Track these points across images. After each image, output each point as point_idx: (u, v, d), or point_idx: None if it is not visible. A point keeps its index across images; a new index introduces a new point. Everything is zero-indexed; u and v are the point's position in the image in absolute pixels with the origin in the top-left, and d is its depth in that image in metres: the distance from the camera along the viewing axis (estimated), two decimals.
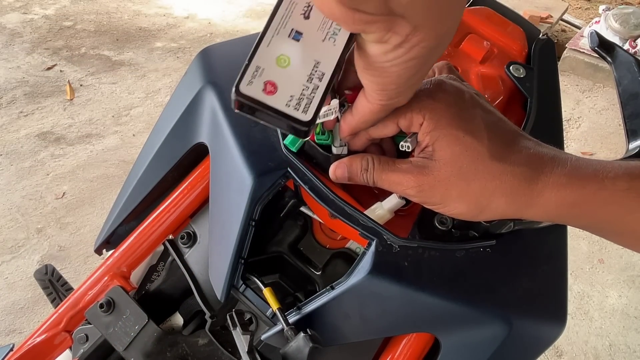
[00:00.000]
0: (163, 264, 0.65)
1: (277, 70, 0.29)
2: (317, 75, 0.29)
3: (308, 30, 0.30)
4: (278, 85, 0.29)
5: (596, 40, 0.62)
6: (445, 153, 0.34)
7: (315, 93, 0.29)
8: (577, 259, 1.76)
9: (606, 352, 1.52)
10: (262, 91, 0.29)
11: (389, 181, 0.37)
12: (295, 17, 0.30)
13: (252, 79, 0.29)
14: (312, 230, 0.52)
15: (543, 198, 0.34)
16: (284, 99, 0.29)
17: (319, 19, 0.30)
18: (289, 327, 0.39)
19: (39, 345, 0.55)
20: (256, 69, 0.29)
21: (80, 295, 0.56)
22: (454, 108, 0.34)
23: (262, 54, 0.29)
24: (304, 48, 0.30)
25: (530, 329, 0.42)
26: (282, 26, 0.30)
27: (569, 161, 0.34)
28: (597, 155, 2.25)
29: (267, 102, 0.29)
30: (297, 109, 0.29)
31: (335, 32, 0.30)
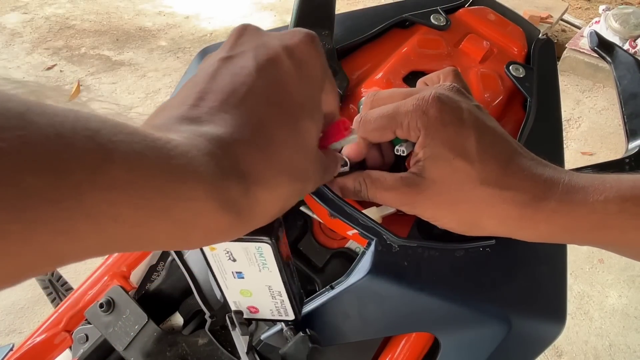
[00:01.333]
0: (163, 263, 0.66)
1: (247, 299, 0.35)
2: (276, 293, 0.34)
3: (244, 269, 0.32)
4: (257, 307, 0.36)
5: (596, 40, 0.62)
6: (435, 173, 0.34)
7: (284, 303, 0.35)
8: (577, 259, 1.76)
9: (606, 352, 1.52)
10: (250, 312, 0.36)
11: (381, 199, 0.37)
12: (227, 264, 0.32)
13: (237, 307, 0.37)
14: (311, 230, 0.52)
15: (533, 222, 0.34)
16: (267, 313, 0.36)
17: (243, 257, 0.31)
18: (288, 327, 0.40)
19: (39, 345, 0.55)
20: (234, 303, 0.36)
21: (80, 295, 0.56)
22: (449, 126, 0.34)
23: (228, 294, 0.35)
24: (252, 281, 0.33)
25: (530, 328, 0.42)
26: (224, 273, 0.33)
27: (561, 184, 0.34)
28: (597, 156, 2.25)
29: (259, 317, 0.37)
30: (280, 315, 0.36)
31: (264, 262, 0.31)
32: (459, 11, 0.62)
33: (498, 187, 0.34)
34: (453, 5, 0.63)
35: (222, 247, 0.31)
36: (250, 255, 0.31)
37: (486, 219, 0.35)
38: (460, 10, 0.63)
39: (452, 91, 0.36)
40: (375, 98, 0.39)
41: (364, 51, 0.56)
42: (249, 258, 0.31)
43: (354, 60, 0.55)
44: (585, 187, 0.34)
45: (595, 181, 0.34)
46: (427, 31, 0.58)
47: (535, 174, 0.35)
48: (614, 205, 0.32)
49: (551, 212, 0.33)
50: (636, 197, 0.32)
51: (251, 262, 0.31)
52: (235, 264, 0.32)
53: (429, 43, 0.56)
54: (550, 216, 0.33)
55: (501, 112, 0.55)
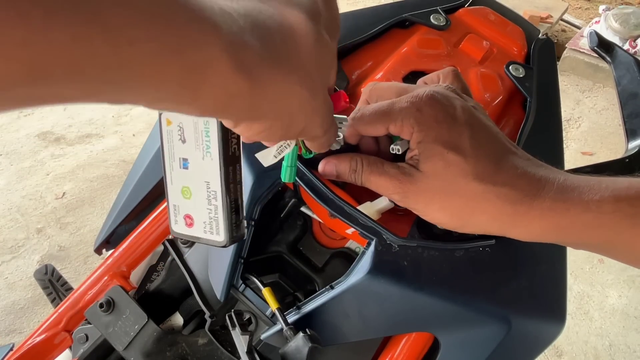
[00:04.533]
0: (163, 263, 0.66)
1: (186, 202, 0.32)
2: (212, 195, 0.31)
3: (190, 154, 0.31)
4: (193, 216, 0.32)
5: (595, 40, 0.62)
6: (429, 167, 0.35)
7: (218, 213, 0.31)
8: (577, 259, 1.76)
9: (606, 352, 1.52)
10: (185, 226, 0.32)
11: (375, 184, 0.37)
12: (177, 145, 0.31)
13: (175, 217, 0.33)
14: (311, 230, 0.52)
15: (527, 220, 0.34)
16: (200, 227, 0.32)
17: (192, 137, 0.30)
18: (288, 326, 0.40)
19: (39, 345, 0.55)
20: (174, 207, 0.33)
21: (80, 295, 0.56)
22: (442, 124, 0.34)
23: (172, 192, 0.33)
24: (194, 173, 0.31)
25: (530, 328, 0.42)
26: (172, 160, 0.31)
27: (556, 183, 0.34)
28: (597, 155, 2.25)
29: (191, 234, 0.32)
30: (212, 233, 0.32)
31: (207, 145, 0.30)
32: (458, 11, 0.62)
33: (491, 182, 0.34)
34: (453, 5, 0.63)
35: (177, 122, 0.30)
36: (198, 134, 0.30)
37: (478, 214, 0.35)
38: (460, 10, 0.63)
39: (447, 90, 0.37)
40: (374, 88, 0.39)
41: (364, 51, 0.56)
42: (197, 138, 0.30)
43: (354, 60, 0.55)
44: (580, 186, 0.33)
45: (590, 181, 0.34)
46: (427, 31, 0.58)
47: (530, 172, 0.35)
48: (609, 204, 0.32)
49: (545, 210, 0.33)
50: (631, 198, 0.32)
51: (197, 145, 0.30)
52: (184, 147, 0.31)
53: (428, 43, 0.56)
54: (544, 214, 0.33)
55: (501, 112, 0.55)
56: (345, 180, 0.39)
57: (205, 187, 0.31)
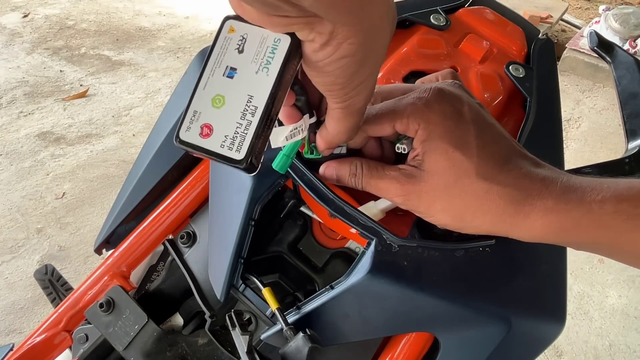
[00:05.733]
0: (163, 263, 0.66)
1: (213, 111, 0.30)
2: (250, 110, 0.30)
3: (242, 65, 0.30)
4: (213, 127, 0.30)
5: (595, 40, 0.62)
6: (433, 166, 0.34)
7: (248, 130, 0.30)
8: (577, 259, 1.76)
9: (606, 352, 1.52)
10: (199, 135, 0.30)
11: (376, 187, 0.37)
12: (230, 54, 0.30)
13: (190, 124, 0.30)
14: (311, 230, 0.52)
15: (529, 221, 0.34)
16: (219, 140, 0.30)
17: (253, 50, 0.30)
18: (288, 326, 0.40)
19: (39, 345, 0.55)
20: (194, 113, 0.30)
21: (80, 295, 0.56)
22: (449, 121, 0.34)
23: (199, 97, 0.31)
24: (238, 84, 0.30)
25: (530, 328, 0.42)
26: (217, 65, 0.30)
27: (559, 183, 0.34)
28: (597, 155, 2.25)
29: (203, 146, 0.30)
30: (230, 149, 0.30)
31: (269, 61, 0.29)
32: (458, 11, 0.62)
33: (495, 182, 0.34)
34: (453, 5, 0.63)
35: (241, 31, 0.30)
36: (262, 49, 0.29)
37: (481, 215, 0.35)
38: (460, 10, 0.63)
39: (454, 87, 0.36)
40: (378, 91, 0.39)
41: None
42: (257, 52, 0.29)
43: None
44: (583, 187, 0.33)
45: (592, 182, 0.34)
46: (426, 31, 0.58)
47: (533, 172, 0.34)
48: (611, 205, 0.32)
49: (547, 210, 0.33)
50: (633, 199, 0.32)
51: (256, 59, 0.30)
52: (238, 57, 0.30)
53: (428, 43, 0.56)
54: (546, 215, 0.33)
55: (501, 112, 0.55)
56: (346, 185, 0.39)
57: (246, 101, 0.30)
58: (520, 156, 0.36)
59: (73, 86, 2.41)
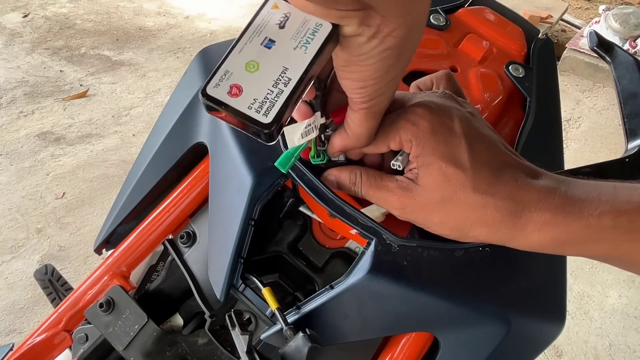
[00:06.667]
0: (163, 263, 0.66)
1: (245, 74, 0.30)
2: (283, 80, 0.30)
3: (281, 39, 0.31)
4: (243, 88, 0.30)
5: (595, 40, 0.62)
6: (428, 180, 0.35)
7: (279, 97, 0.30)
8: (577, 259, 1.76)
9: (606, 352, 1.52)
10: (227, 93, 0.30)
11: (375, 197, 0.37)
12: (271, 27, 0.31)
13: (219, 82, 0.31)
14: (311, 230, 0.52)
15: (526, 232, 0.34)
16: (247, 101, 0.30)
17: (294, 28, 0.30)
18: (288, 326, 0.40)
19: (39, 345, 0.55)
20: (225, 72, 0.31)
21: (80, 295, 0.56)
22: (439, 135, 0.34)
23: (233, 59, 0.31)
24: (275, 55, 0.30)
25: (530, 328, 0.42)
26: (256, 34, 0.31)
27: (556, 195, 0.34)
28: (597, 155, 2.25)
29: (230, 104, 0.30)
30: (258, 112, 0.30)
31: (308, 40, 0.30)
32: (458, 11, 0.62)
33: (490, 194, 0.34)
34: (453, 5, 0.63)
35: (285, 10, 0.31)
36: (303, 29, 0.30)
37: (478, 227, 0.35)
38: (460, 10, 0.63)
39: (443, 98, 0.36)
40: None
41: None
42: (298, 32, 0.30)
43: None
44: (581, 200, 0.33)
45: (591, 194, 0.33)
46: (426, 31, 0.58)
47: (530, 184, 0.34)
48: (609, 220, 0.32)
49: (544, 224, 0.33)
50: (630, 213, 0.32)
51: (296, 37, 0.30)
52: (278, 31, 0.31)
53: (428, 43, 0.56)
54: (543, 227, 0.33)
55: (501, 112, 0.55)
56: (346, 192, 0.39)
57: (280, 71, 0.30)
58: (516, 166, 0.35)
59: (73, 86, 2.41)
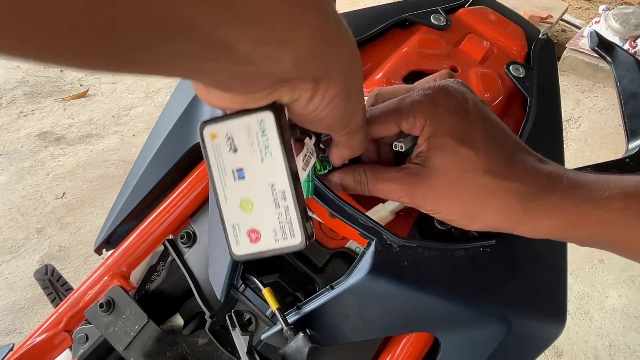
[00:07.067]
0: (163, 263, 0.66)
1: (249, 216, 0.30)
2: (280, 197, 0.29)
3: (245, 162, 0.29)
4: (258, 229, 0.30)
5: (596, 40, 0.62)
6: (439, 162, 0.34)
7: (290, 213, 0.29)
8: (577, 259, 1.76)
9: (606, 352, 1.52)
10: (250, 243, 0.30)
11: (383, 191, 0.37)
12: (228, 158, 0.29)
13: (236, 238, 0.30)
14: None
15: (535, 216, 0.34)
16: (271, 237, 0.30)
17: (245, 142, 0.29)
18: (288, 327, 0.40)
19: (39, 345, 0.55)
20: (233, 227, 0.30)
21: (80, 295, 0.56)
22: (455, 117, 0.34)
23: (228, 212, 0.30)
24: (254, 180, 0.29)
25: (530, 328, 0.42)
26: (223, 174, 0.30)
27: (565, 179, 0.34)
28: (597, 155, 2.25)
29: (260, 250, 0.30)
30: (285, 238, 0.29)
31: (265, 143, 0.28)
32: (459, 11, 0.62)
33: (501, 177, 0.33)
34: (453, 5, 0.63)
35: (224, 132, 0.29)
36: (253, 138, 0.28)
37: (488, 211, 0.34)
38: (460, 10, 0.63)
39: (457, 84, 0.37)
40: (380, 93, 0.39)
41: (364, 51, 0.56)
42: (251, 142, 0.28)
43: None
44: (589, 183, 0.33)
45: (598, 179, 0.34)
46: (427, 31, 0.58)
47: (539, 168, 0.34)
48: (618, 202, 0.32)
49: (554, 206, 0.33)
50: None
51: (253, 149, 0.29)
52: (236, 157, 0.29)
53: (429, 43, 0.56)
54: (552, 210, 0.33)
55: (501, 112, 0.55)
56: (353, 192, 0.39)
57: (270, 190, 0.29)
58: (525, 152, 0.36)
59: (73, 86, 2.41)
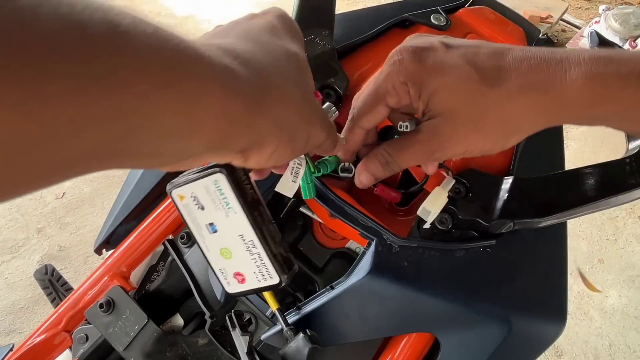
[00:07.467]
0: (163, 264, 0.66)
1: (230, 262, 0.33)
2: (250, 245, 0.32)
3: (213, 217, 0.31)
4: (241, 271, 0.33)
5: (596, 40, 0.62)
6: (445, 105, 0.33)
7: (263, 259, 0.32)
8: (577, 259, 1.76)
9: (606, 352, 1.52)
10: (238, 284, 0.33)
11: (413, 158, 0.36)
12: (199, 215, 0.32)
13: (226, 279, 0.34)
14: (311, 230, 0.52)
15: (568, 99, 0.31)
16: (253, 278, 0.33)
17: (209, 200, 0.31)
18: (288, 327, 0.40)
19: (39, 345, 0.55)
20: (221, 271, 0.33)
21: (80, 295, 0.56)
22: (429, 59, 0.33)
23: (212, 259, 0.33)
24: (225, 233, 0.32)
25: (530, 328, 0.42)
26: (199, 230, 0.32)
27: (583, 60, 0.31)
28: (597, 155, 2.25)
29: (247, 289, 0.33)
30: (265, 279, 0.32)
31: (226, 202, 0.31)
32: (459, 11, 0.62)
33: (511, 81, 0.32)
34: (453, 5, 0.63)
35: (188, 193, 0.31)
36: (213, 196, 0.30)
37: (518, 119, 0.33)
38: (461, 10, 0.62)
39: (414, 37, 0.36)
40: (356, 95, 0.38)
41: (364, 51, 0.56)
42: (213, 200, 0.31)
43: (354, 60, 0.55)
44: (609, 57, 0.31)
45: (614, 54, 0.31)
46: (427, 31, 0.58)
47: (545, 59, 0.32)
48: None
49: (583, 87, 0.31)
50: None
51: (216, 206, 0.31)
52: (205, 213, 0.31)
53: None
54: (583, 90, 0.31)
55: None
56: (385, 177, 0.37)
57: (242, 241, 0.32)
58: (517, 49, 0.34)
59: None
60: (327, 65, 0.49)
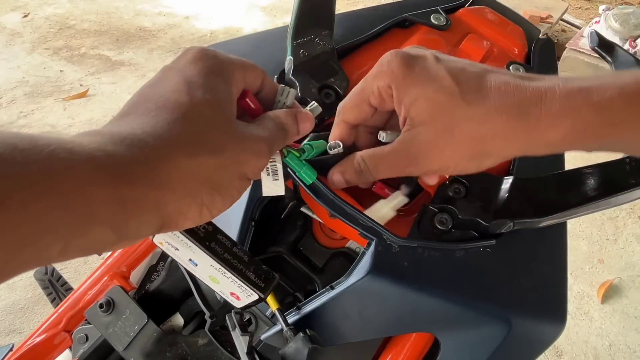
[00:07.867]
0: (163, 264, 0.66)
1: (221, 285, 0.36)
2: (223, 272, 0.34)
3: (188, 254, 0.34)
4: (233, 291, 0.36)
5: (596, 40, 0.62)
6: (423, 116, 0.34)
7: (238, 281, 0.35)
8: (577, 259, 1.76)
9: (606, 352, 1.52)
10: (237, 301, 0.37)
11: (386, 169, 0.36)
12: (177, 254, 0.34)
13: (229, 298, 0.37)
14: (311, 230, 0.52)
15: (541, 128, 0.32)
16: (243, 296, 0.36)
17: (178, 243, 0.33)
18: (288, 327, 0.40)
19: (39, 345, 0.55)
20: (222, 293, 0.37)
21: (80, 295, 0.56)
22: (416, 68, 0.34)
23: (209, 284, 0.36)
24: (202, 265, 0.34)
25: (530, 328, 0.42)
26: (186, 264, 0.35)
27: (558, 89, 0.32)
28: (597, 155, 2.25)
29: (243, 304, 0.37)
30: (249, 297, 0.36)
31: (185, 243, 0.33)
32: (459, 11, 0.62)
33: (489, 102, 0.33)
34: (453, 5, 0.63)
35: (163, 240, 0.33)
36: (176, 239, 0.33)
37: (491, 140, 0.33)
38: (461, 10, 0.62)
39: (411, 48, 0.37)
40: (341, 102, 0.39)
41: (364, 51, 0.56)
42: (179, 242, 0.33)
43: (354, 60, 0.55)
44: (584, 89, 0.32)
45: (594, 81, 0.32)
46: (427, 31, 0.58)
47: (523, 84, 0.33)
48: (620, 102, 0.31)
49: (556, 115, 0.32)
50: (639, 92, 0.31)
51: (184, 246, 0.33)
52: (181, 252, 0.34)
53: (429, 43, 0.56)
54: (556, 120, 0.32)
55: None
56: (359, 184, 0.38)
57: (216, 270, 0.34)
58: (500, 72, 0.34)
59: (73, 86, 2.41)
60: (327, 65, 0.49)
